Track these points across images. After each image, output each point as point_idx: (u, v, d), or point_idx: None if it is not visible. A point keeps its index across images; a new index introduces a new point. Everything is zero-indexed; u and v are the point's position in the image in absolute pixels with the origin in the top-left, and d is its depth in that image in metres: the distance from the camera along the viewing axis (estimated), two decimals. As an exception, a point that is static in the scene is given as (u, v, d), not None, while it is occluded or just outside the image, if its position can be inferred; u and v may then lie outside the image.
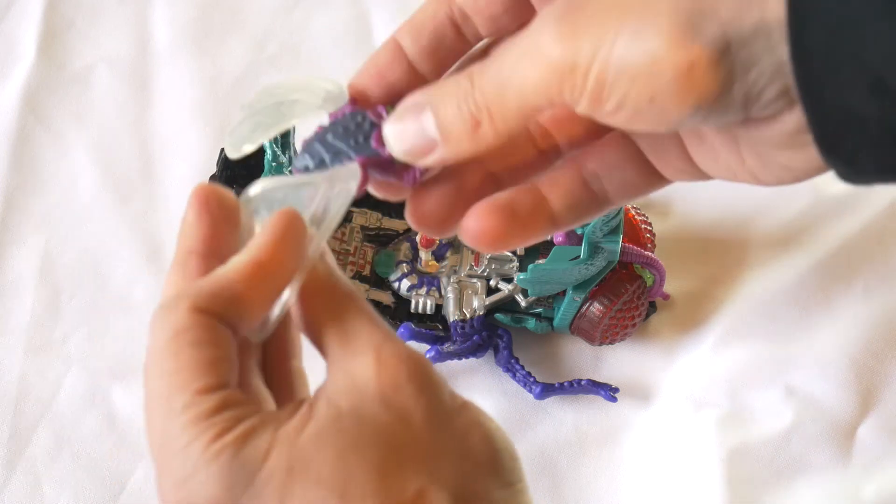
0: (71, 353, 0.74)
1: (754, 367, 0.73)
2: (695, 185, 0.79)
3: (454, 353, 0.71)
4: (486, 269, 0.73)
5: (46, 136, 0.82)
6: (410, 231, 0.75)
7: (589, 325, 0.71)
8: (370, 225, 0.75)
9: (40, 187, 0.80)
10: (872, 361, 0.74)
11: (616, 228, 0.68)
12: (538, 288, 0.69)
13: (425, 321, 0.73)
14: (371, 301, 0.73)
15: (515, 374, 0.71)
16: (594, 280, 0.69)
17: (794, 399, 0.72)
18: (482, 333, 0.71)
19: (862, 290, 0.76)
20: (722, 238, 0.78)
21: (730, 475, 0.69)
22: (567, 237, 0.70)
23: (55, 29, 0.87)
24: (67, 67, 0.85)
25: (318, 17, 0.88)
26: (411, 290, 0.73)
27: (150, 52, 0.86)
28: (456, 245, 0.74)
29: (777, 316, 0.75)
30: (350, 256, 0.74)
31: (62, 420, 0.71)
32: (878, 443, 0.71)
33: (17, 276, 0.76)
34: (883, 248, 0.78)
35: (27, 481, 0.69)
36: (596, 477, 0.70)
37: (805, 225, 0.79)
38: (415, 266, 0.74)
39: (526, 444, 0.71)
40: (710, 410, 0.71)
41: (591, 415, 0.72)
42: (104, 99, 0.84)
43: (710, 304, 0.76)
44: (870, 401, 0.73)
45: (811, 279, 0.77)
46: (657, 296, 0.73)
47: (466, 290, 0.72)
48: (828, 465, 0.70)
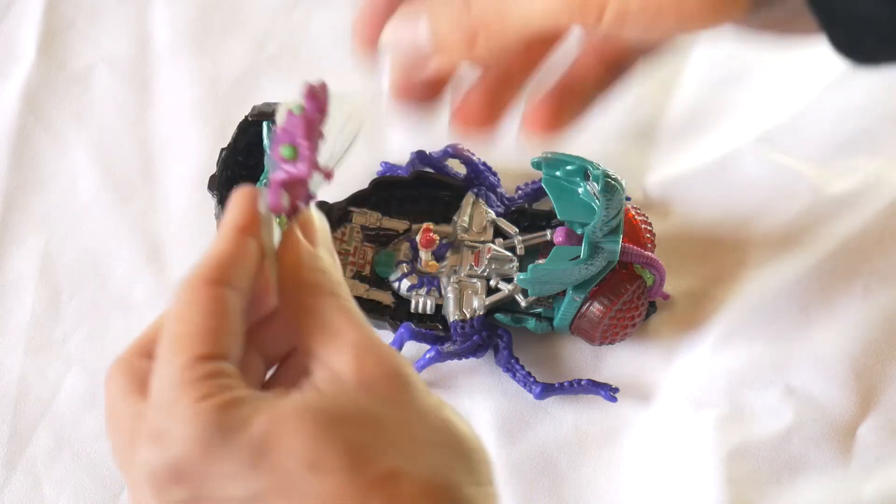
0: (71, 353, 0.74)
1: (754, 367, 0.73)
2: (695, 185, 0.80)
3: (454, 353, 0.71)
4: (486, 269, 0.73)
5: (46, 136, 0.82)
6: (410, 231, 0.75)
7: (589, 325, 0.71)
8: (370, 225, 0.75)
9: (40, 187, 0.80)
10: (872, 361, 0.74)
11: (616, 228, 0.68)
12: (538, 288, 0.69)
13: (425, 321, 0.73)
14: (371, 301, 0.73)
15: (515, 374, 0.71)
16: (594, 280, 0.69)
17: (794, 399, 0.72)
18: (482, 333, 0.71)
19: (862, 290, 0.76)
20: (722, 238, 0.78)
21: (730, 475, 0.69)
22: (567, 237, 0.70)
23: (55, 29, 0.87)
24: (67, 67, 0.85)
25: (318, 17, 0.88)
26: (411, 290, 0.73)
27: (150, 52, 0.86)
28: (456, 245, 0.74)
29: (777, 316, 0.75)
30: (350, 256, 0.74)
31: (62, 420, 0.71)
32: (878, 443, 0.71)
33: (17, 276, 0.76)
34: (883, 248, 0.78)
35: (27, 481, 0.69)
36: (596, 477, 0.70)
37: (805, 225, 0.79)
38: (415, 266, 0.73)
39: (526, 444, 0.71)
40: (710, 410, 0.71)
41: (591, 415, 0.72)
42: (104, 99, 0.84)
43: (710, 304, 0.76)
44: (870, 401, 0.73)
45: (811, 279, 0.77)
46: (657, 296, 0.73)
47: (466, 290, 0.72)
48: (828, 465, 0.70)
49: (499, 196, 0.76)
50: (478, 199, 0.75)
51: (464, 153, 0.77)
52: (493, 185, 0.76)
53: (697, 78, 0.85)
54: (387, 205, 0.76)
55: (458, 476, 0.44)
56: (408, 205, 0.77)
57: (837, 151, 0.81)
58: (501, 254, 0.73)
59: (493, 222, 0.74)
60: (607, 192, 0.67)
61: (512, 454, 0.70)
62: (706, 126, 0.83)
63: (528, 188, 0.77)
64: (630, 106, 0.83)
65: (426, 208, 0.76)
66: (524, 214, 0.76)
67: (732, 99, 0.84)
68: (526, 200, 0.77)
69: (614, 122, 0.82)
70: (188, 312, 0.45)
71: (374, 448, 0.43)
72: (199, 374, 0.44)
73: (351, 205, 0.76)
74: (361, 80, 0.85)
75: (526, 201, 0.77)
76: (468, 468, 0.45)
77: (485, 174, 0.77)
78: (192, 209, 0.79)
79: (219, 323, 0.45)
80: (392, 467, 0.43)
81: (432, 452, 0.44)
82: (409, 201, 0.77)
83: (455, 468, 0.44)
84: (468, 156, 0.77)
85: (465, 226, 0.74)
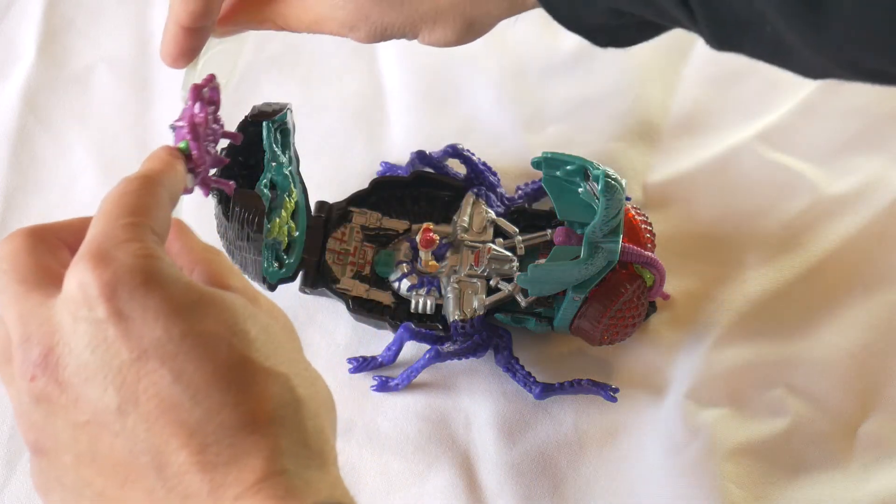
0: (71, 352, 0.74)
1: (754, 367, 0.73)
2: (695, 185, 0.80)
3: (454, 352, 0.71)
4: (486, 269, 0.73)
5: (46, 136, 0.82)
6: (410, 231, 0.75)
7: (589, 325, 0.71)
8: (370, 225, 0.75)
9: (40, 187, 0.80)
10: (873, 361, 0.74)
11: (616, 228, 0.68)
12: (538, 288, 0.69)
13: (425, 321, 0.73)
14: (371, 301, 0.73)
15: (516, 375, 0.71)
16: (594, 280, 0.69)
17: (795, 399, 0.72)
18: (482, 333, 0.71)
19: (862, 290, 0.76)
20: (722, 238, 0.78)
21: (730, 475, 0.69)
22: (567, 237, 0.70)
23: (55, 29, 0.87)
24: (67, 67, 0.85)
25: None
26: (411, 290, 0.73)
27: (150, 52, 0.86)
28: (456, 245, 0.74)
29: (777, 316, 0.75)
30: (350, 256, 0.74)
31: (62, 420, 0.71)
32: (878, 443, 0.71)
33: (16, 276, 0.76)
34: (883, 248, 0.78)
35: (27, 481, 0.69)
36: (596, 477, 0.70)
37: (805, 225, 0.79)
38: (415, 266, 0.73)
39: (526, 444, 0.71)
40: (711, 410, 0.71)
41: (591, 415, 0.72)
42: (104, 99, 0.84)
43: (710, 304, 0.76)
44: (870, 401, 0.73)
45: (811, 279, 0.77)
46: (657, 296, 0.73)
47: (466, 290, 0.72)
48: (828, 465, 0.70)
49: (499, 196, 0.76)
50: (478, 198, 0.75)
51: (464, 153, 0.77)
52: (493, 184, 0.76)
53: (698, 77, 0.85)
54: (387, 205, 0.76)
55: (329, 419, 0.50)
56: (408, 205, 0.77)
57: (837, 151, 0.81)
58: (501, 254, 0.73)
59: (493, 222, 0.74)
60: (608, 191, 0.67)
61: (512, 454, 0.70)
62: (706, 126, 0.83)
63: (528, 188, 0.77)
64: (630, 106, 0.83)
65: (426, 208, 0.77)
66: (524, 214, 0.76)
67: (732, 98, 0.84)
68: (526, 200, 0.77)
69: (614, 122, 0.82)
70: (124, 197, 0.50)
71: (273, 355, 0.48)
72: (138, 228, 0.49)
73: (351, 205, 0.76)
74: (361, 80, 0.86)
75: (526, 201, 0.77)
76: (333, 421, 0.51)
77: (485, 174, 0.77)
78: (192, 209, 0.79)
79: (153, 200, 0.51)
80: (283, 372, 0.48)
81: (312, 382, 0.50)
82: (409, 201, 0.77)
83: (328, 410, 0.51)
84: (468, 156, 0.77)
85: (465, 226, 0.74)
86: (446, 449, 0.71)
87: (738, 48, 0.54)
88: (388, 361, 0.72)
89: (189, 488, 0.46)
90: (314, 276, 0.73)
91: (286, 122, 0.69)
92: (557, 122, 0.82)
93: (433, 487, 0.69)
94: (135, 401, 0.46)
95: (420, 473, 0.70)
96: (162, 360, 0.46)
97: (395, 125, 0.82)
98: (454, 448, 0.71)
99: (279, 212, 0.69)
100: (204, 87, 0.61)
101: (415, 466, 0.70)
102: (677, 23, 0.54)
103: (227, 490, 0.45)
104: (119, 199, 0.50)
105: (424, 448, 0.71)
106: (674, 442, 0.70)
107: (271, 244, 0.69)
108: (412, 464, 0.70)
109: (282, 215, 0.69)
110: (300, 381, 0.48)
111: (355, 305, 0.73)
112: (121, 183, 0.51)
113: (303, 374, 0.49)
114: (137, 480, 0.46)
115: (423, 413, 0.72)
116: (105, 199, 0.50)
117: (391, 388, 0.72)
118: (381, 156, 0.81)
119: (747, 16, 0.50)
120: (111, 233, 0.48)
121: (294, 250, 0.72)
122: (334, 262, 0.74)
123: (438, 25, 0.62)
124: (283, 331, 0.50)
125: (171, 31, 0.64)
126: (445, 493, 0.69)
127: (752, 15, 0.50)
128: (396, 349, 0.72)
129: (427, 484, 0.69)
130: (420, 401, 0.72)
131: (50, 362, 0.47)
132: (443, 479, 0.70)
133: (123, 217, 0.49)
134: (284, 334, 0.50)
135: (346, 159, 0.81)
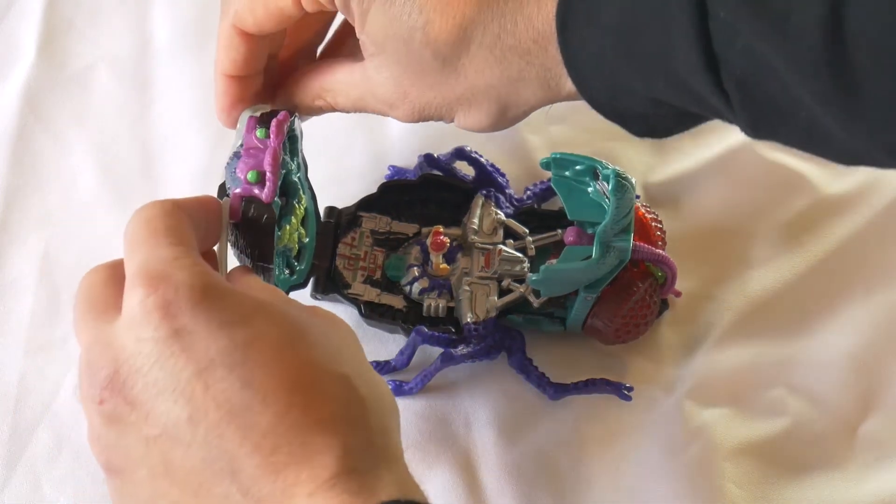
0: (71, 353, 0.73)
1: (755, 367, 0.73)
2: (695, 185, 0.80)
3: (468, 355, 0.70)
4: (497, 271, 0.73)
5: (46, 136, 0.82)
6: (420, 234, 0.75)
7: (602, 325, 0.70)
8: (380, 229, 0.75)
9: (40, 187, 0.80)
10: (872, 361, 0.74)
11: (627, 227, 0.68)
12: (550, 288, 0.69)
13: (438, 324, 0.72)
14: (383, 305, 0.73)
15: (530, 376, 0.71)
16: (606, 279, 0.68)
17: (794, 399, 0.72)
18: (495, 335, 0.71)
19: (862, 290, 0.76)
20: (722, 238, 0.78)
21: (731, 475, 0.69)
22: (578, 237, 0.70)
23: (55, 29, 0.86)
24: (67, 67, 0.85)
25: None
26: (423, 294, 0.73)
27: (150, 52, 0.86)
28: (466, 247, 0.74)
29: (778, 315, 0.75)
30: (360, 261, 0.74)
31: (62, 420, 0.71)
32: (878, 443, 0.71)
33: (17, 276, 0.76)
34: (883, 248, 0.78)
35: (27, 481, 0.69)
36: (596, 477, 0.70)
37: (805, 225, 0.79)
38: (426, 269, 0.73)
39: (526, 444, 0.71)
40: (711, 410, 0.72)
41: (591, 415, 0.72)
42: (104, 99, 0.84)
43: (710, 303, 0.76)
44: (870, 401, 0.73)
45: (811, 279, 0.77)
46: (669, 293, 0.73)
47: (478, 292, 0.72)
48: (827, 466, 0.70)
49: (508, 197, 0.76)
50: (487, 200, 0.75)
51: (471, 155, 0.77)
52: (502, 186, 0.76)
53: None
54: (396, 209, 0.76)
55: (394, 421, 0.55)
56: (417, 208, 0.76)
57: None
58: (512, 255, 0.73)
59: (503, 223, 0.74)
60: (618, 190, 0.67)
61: (512, 454, 0.70)
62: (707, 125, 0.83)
63: (537, 188, 0.77)
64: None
65: (435, 211, 0.76)
66: (533, 215, 0.76)
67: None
68: (535, 201, 0.77)
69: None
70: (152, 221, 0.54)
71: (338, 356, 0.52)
72: (183, 247, 0.52)
73: (360, 209, 0.76)
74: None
75: (535, 202, 0.77)
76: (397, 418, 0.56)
77: (493, 175, 0.76)
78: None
79: (184, 224, 0.54)
80: (344, 373, 0.51)
81: (370, 378, 0.54)
82: (418, 204, 0.76)
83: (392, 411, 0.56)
84: (476, 157, 0.77)
85: (475, 228, 0.74)
86: (446, 449, 0.71)
87: (773, 135, 0.54)
88: (402, 366, 0.72)
89: (263, 489, 0.47)
90: (325, 281, 0.73)
91: (294, 128, 0.69)
92: (559, 122, 0.82)
93: (433, 487, 0.69)
94: (205, 410, 0.48)
95: (420, 473, 0.70)
96: (230, 367, 0.47)
97: (395, 125, 0.82)
98: (454, 448, 0.71)
99: (289, 219, 0.68)
100: (284, 121, 0.64)
101: (415, 466, 0.70)
102: (714, 112, 0.54)
103: (301, 488, 0.47)
104: (149, 224, 0.53)
105: (424, 448, 0.71)
106: (674, 442, 0.70)
107: (282, 251, 0.69)
108: (412, 464, 0.69)
109: (292, 222, 0.69)
110: (362, 382, 0.51)
111: (367, 310, 0.72)
112: (144, 209, 0.54)
113: (365, 376, 0.51)
114: (212, 487, 0.48)
115: (423, 413, 0.72)
116: (134, 226, 0.54)
117: (406, 393, 0.71)
118: (381, 156, 0.81)
119: (783, 101, 0.50)
120: (159, 254, 0.50)
121: (304, 256, 0.71)
122: (345, 267, 0.74)
123: (473, 108, 0.62)
124: (343, 337, 0.52)
125: (219, 83, 0.67)
126: (445, 492, 0.69)
127: (788, 100, 0.50)
128: (410, 353, 0.72)
129: (427, 484, 0.69)
130: (420, 401, 0.72)
131: (116, 384, 0.49)
132: (443, 479, 0.70)
133: (165, 238, 0.51)
134: (345, 340, 0.52)
135: (346, 159, 0.81)
